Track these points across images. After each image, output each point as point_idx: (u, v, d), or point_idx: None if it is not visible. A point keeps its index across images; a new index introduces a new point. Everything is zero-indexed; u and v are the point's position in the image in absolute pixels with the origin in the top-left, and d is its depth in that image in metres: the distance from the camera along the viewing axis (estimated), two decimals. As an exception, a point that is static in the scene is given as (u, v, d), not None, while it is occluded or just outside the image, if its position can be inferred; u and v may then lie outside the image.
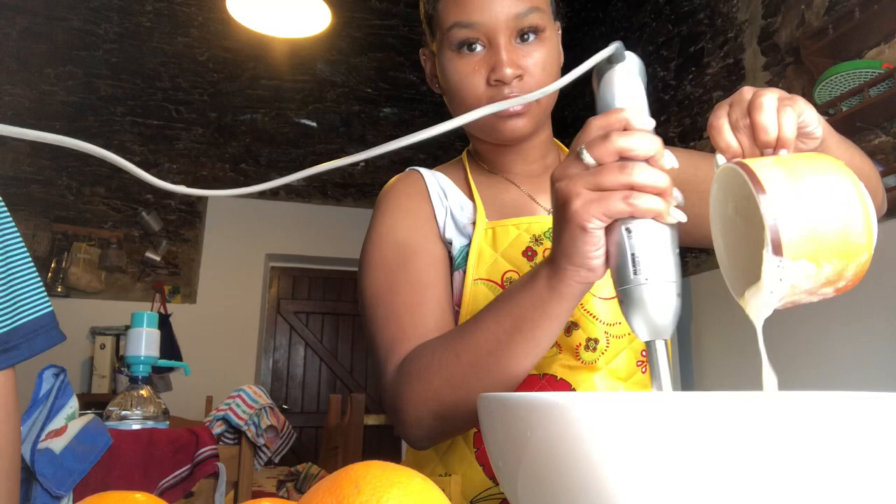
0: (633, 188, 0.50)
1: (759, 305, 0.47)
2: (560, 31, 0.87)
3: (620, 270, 0.51)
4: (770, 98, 0.54)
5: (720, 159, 0.54)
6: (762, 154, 0.53)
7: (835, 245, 0.45)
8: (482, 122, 0.82)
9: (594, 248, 0.52)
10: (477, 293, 0.81)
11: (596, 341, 0.80)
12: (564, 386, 0.80)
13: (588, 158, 0.52)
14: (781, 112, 0.53)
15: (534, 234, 0.83)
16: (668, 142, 3.78)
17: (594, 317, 0.80)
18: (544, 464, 0.35)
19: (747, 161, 0.48)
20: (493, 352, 0.64)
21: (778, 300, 0.46)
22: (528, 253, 0.82)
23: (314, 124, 5.08)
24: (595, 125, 0.53)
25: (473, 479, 0.79)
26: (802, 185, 0.46)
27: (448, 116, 0.62)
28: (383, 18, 5.12)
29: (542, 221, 0.84)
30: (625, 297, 0.50)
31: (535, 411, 0.35)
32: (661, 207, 0.50)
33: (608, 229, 0.52)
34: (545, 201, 0.89)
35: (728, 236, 0.52)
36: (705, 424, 0.31)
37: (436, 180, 0.91)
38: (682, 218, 0.50)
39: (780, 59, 3.00)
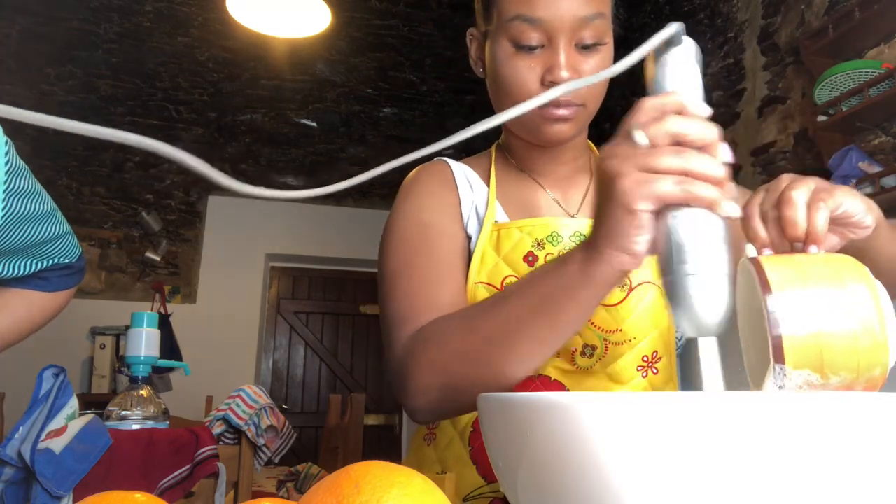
0: (686, 174, 0.47)
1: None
2: (614, 33, 0.84)
3: (667, 259, 0.47)
4: (801, 192, 0.51)
5: (749, 249, 0.52)
6: (792, 248, 0.51)
7: (842, 357, 0.42)
8: (526, 120, 0.80)
9: (639, 232, 0.49)
10: (477, 296, 0.80)
11: (593, 347, 0.79)
12: (558, 387, 0.79)
13: (642, 138, 0.49)
14: (813, 207, 0.51)
15: (536, 238, 0.81)
16: (668, 142, 3.78)
17: (592, 323, 0.78)
18: (544, 464, 0.35)
19: (762, 258, 0.46)
20: (513, 332, 0.61)
21: None
22: (529, 258, 0.80)
23: (314, 124, 5.08)
24: (649, 105, 0.50)
25: (467, 477, 0.79)
26: (812, 290, 0.43)
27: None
28: (383, 18, 5.11)
29: (547, 225, 0.82)
30: (670, 288, 0.47)
31: (535, 411, 0.35)
32: (715, 196, 0.46)
33: (657, 215, 0.49)
34: (567, 204, 0.87)
35: (748, 325, 0.50)
36: (706, 424, 0.31)
37: (463, 172, 0.90)
38: (736, 213, 0.47)
39: (780, 59, 3.00)
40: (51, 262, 1.01)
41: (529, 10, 0.75)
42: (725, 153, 0.49)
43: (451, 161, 0.92)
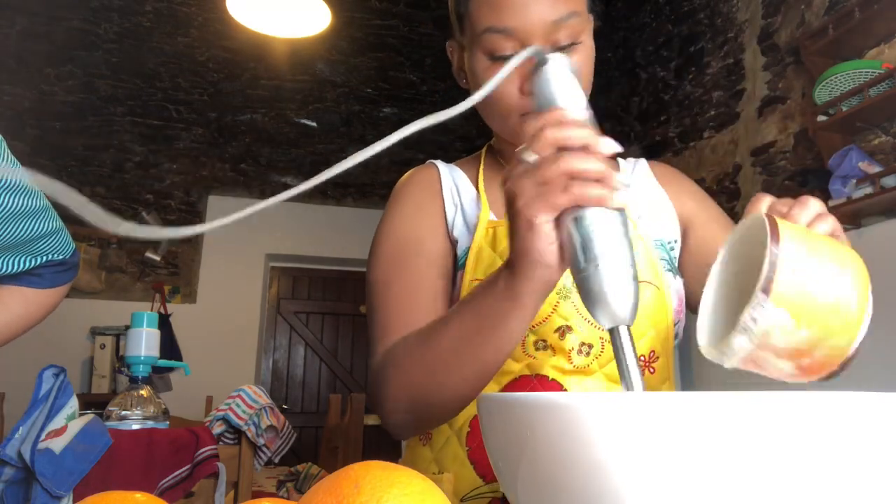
0: (572, 176, 0.50)
1: (724, 348, 0.47)
2: (593, 25, 0.83)
3: (573, 260, 0.51)
4: (814, 202, 0.56)
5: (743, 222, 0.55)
6: None
7: (820, 313, 0.45)
8: (512, 129, 0.79)
9: (545, 244, 0.52)
10: None
11: (590, 346, 0.79)
12: (556, 387, 0.79)
13: (528, 156, 0.52)
14: (819, 218, 0.56)
15: None
16: (668, 142, 3.78)
17: (588, 321, 0.79)
18: (544, 464, 0.35)
19: (777, 218, 0.49)
20: (459, 349, 0.65)
21: (745, 348, 0.46)
22: None
23: (314, 124, 5.08)
24: (531, 125, 0.53)
25: (465, 477, 0.79)
26: (815, 253, 0.46)
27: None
28: (383, 18, 5.11)
29: None
30: (580, 286, 0.50)
31: (535, 411, 0.35)
32: (602, 193, 0.50)
33: (558, 223, 0.52)
34: None
35: (721, 288, 0.53)
36: (706, 424, 0.31)
37: (451, 176, 0.90)
38: (626, 203, 0.51)
39: (780, 59, 3.00)
40: (45, 258, 1.01)
41: (499, 20, 0.74)
42: (608, 146, 0.52)
43: (440, 165, 0.92)
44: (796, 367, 0.47)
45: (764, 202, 0.57)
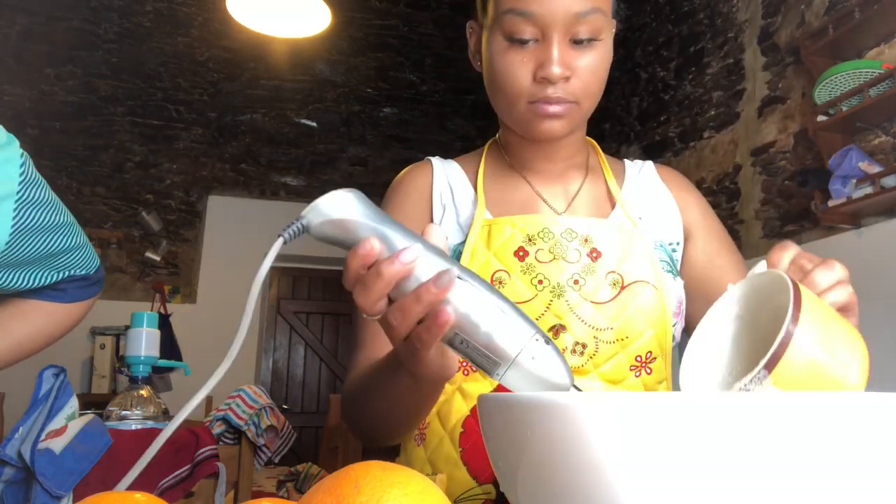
0: (408, 299, 0.47)
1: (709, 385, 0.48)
2: (615, 30, 0.84)
3: (486, 367, 0.47)
4: (839, 268, 0.57)
5: (761, 266, 0.54)
6: None
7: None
8: (518, 116, 0.80)
9: (424, 365, 0.53)
10: None
11: (584, 346, 0.78)
12: None
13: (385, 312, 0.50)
14: (839, 285, 0.56)
15: (527, 234, 0.81)
16: (668, 142, 3.78)
17: (583, 321, 0.78)
18: (544, 464, 0.35)
19: (802, 286, 0.48)
20: (385, 415, 0.71)
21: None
22: (520, 253, 0.80)
23: (314, 124, 5.08)
24: (350, 285, 0.50)
25: (459, 478, 0.79)
26: (827, 343, 0.46)
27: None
28: (383, 18, 5.12)
29: (539, 221, 0.81)
30: (511, 386, 0.47)
31: (535, 411, 0.35)
32: (431, 296, 0.46)
33: (449, 342, 0.49)
34: (555, 201, 0.87)
35: (717, 326, 0.53)
36: (706, 423, 0.31)
37: (445, 174, 0.90)
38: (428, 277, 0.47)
39: (780, 59, 3.00)
40: (67, 273, 1.01)
41: (523, 3, 0.75)
42: (408, 256, 0.48)
43: (436, 163, 0.92)
44: None
45: (787, 255, 0.57)
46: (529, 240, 0.80)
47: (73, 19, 4.59)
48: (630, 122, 4.19)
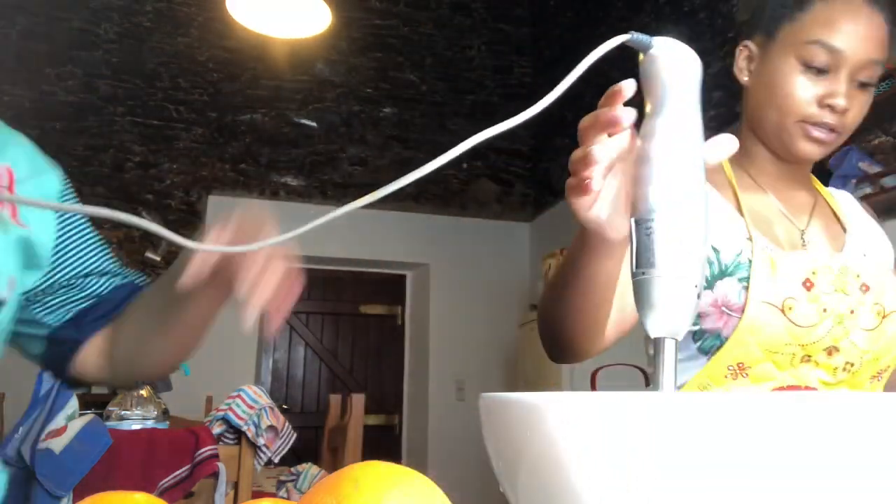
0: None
1: None
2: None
3: (638, 259, 0.49)
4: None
5: None
6: None
7: None
8: (786, 130, 0.90)
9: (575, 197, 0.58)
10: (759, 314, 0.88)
11: (852, 364, 0.89)
12: None
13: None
14: None
15: (813, 269, 0.89)
16: (668, 142, 3.77)
17: (855, 344, 0.88)
18: (544, 464, 0.35)
19: None
20: (580, 300, 0.74)
21: None
22: (807, 284, 0.88)
23: (314, 124, 5.08)
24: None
25: None
26: None
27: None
28: (383, 18, 5.12)
29: (820, 258, 0.90)
30: (638, 287, 0.49)
31: (535, 411, 0.35)
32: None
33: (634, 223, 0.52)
34: (797, 219, 0.96)
35: None
36: (706, 424, 0.31)
37: None
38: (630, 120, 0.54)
39: (780, 59, 3.00)
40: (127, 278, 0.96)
41: (834, 38, 0.86)
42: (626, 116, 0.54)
43: None
44: None
45: None
46: (813, 274, 0.89)
47: (73, 19, 4.59)
48: (630, 122, 4.18)
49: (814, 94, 0.87)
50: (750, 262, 0.89)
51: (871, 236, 1.02)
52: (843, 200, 1.06)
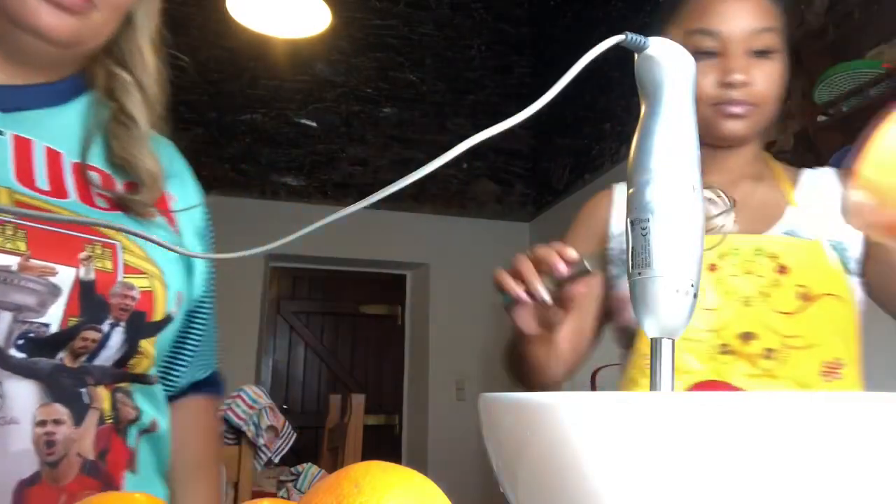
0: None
1: None
2: (786, 57, 0.96)
3: (636, 259, 0.49)
4: None
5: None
6: None
7: None
8: (704, 118, 0.88)
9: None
10: None
11: (771, 350, 0.86)
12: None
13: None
14: None
15: (719, 252, 0.89)
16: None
17: (772, 329, 0.85)
18: (544, 464, 0.35)
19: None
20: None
21: None
22: (711, 267, 0.89)
23: (314, 124, 5.08)
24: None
25: None
26: None
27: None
28: (383, 18, 5.12)
29: (729, 241, 0.89)
30: (635, 288, 0.49)
31: (535, 411, 0.35)
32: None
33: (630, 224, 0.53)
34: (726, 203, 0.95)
35: None
36: (708, 424, 0.31)
37: (624, 198, 1.01)
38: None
39: (780, 59, 3.00)
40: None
41: (709, 23, 0.90)
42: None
43: (617, 189, 1.03)
44: None
45: None
46: (720, 257, 0.89)
47: (73, 19, 4.59)
48: (631, 121, 4.18)
49: (713, 78, 0.89)
50: None
51: (830, 216, 0.94)
52: (813, 180, 1.00)
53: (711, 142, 0.94)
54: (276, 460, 1.59)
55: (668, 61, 0.55)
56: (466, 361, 4.83)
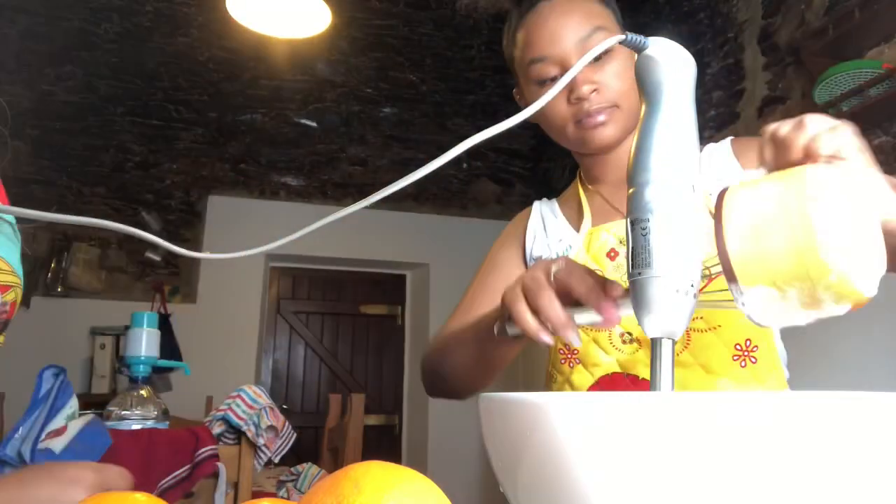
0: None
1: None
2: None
3: (636, 260, 0.50)
4: (815, 121, 0.52)
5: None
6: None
7: (788, 269, 0.42)
8: (573, 138, 0.93)
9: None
10: None
11: (630, 334, 0.85)
12: (647, 385, 0.81)
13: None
14: (820, 138, 0.51)
15: (619, 238, 0.91)
16: (668, 142, 3.77)
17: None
18: (544, 463, 0.35)
19: (730, 189, 0.47)
20: (470, 363, 0.88)
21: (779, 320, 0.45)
22: (612, 254, 0.91)
23: (314, 124, 5.08)
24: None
25: None
26: (758, 210, 0.44)
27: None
28: (383, 18, 5.11)
29: (623, 225, 0.91)
30: (635, 287, 0.49)
31: (535, 411, 0.35)
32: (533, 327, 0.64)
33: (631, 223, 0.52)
34: (621, 205, 0.96)
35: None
36: (708, 424, 0.31)
37: (540, 212, 1.06)
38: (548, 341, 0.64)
39: (780, 59, 3.00)
40: None
41: (538, 51, 0.90)
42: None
43: (537, 204, 1.09)
44: (838, 308, 0.44)
45: (766, 134, 0.54)
46: (620, 242, 0.91)
47: (73, 19, 4.59)
48: (630, 122, 4.18)
49: (563, 100, 0.90)
50: (571, 246, 0.95)
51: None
52: (707, 157, 0.98)
53: (588, 152, 0.96)
54: (276, 460, 1.59)
55: (667, 61, 0.55)
56: (466, 361, 4.83)
